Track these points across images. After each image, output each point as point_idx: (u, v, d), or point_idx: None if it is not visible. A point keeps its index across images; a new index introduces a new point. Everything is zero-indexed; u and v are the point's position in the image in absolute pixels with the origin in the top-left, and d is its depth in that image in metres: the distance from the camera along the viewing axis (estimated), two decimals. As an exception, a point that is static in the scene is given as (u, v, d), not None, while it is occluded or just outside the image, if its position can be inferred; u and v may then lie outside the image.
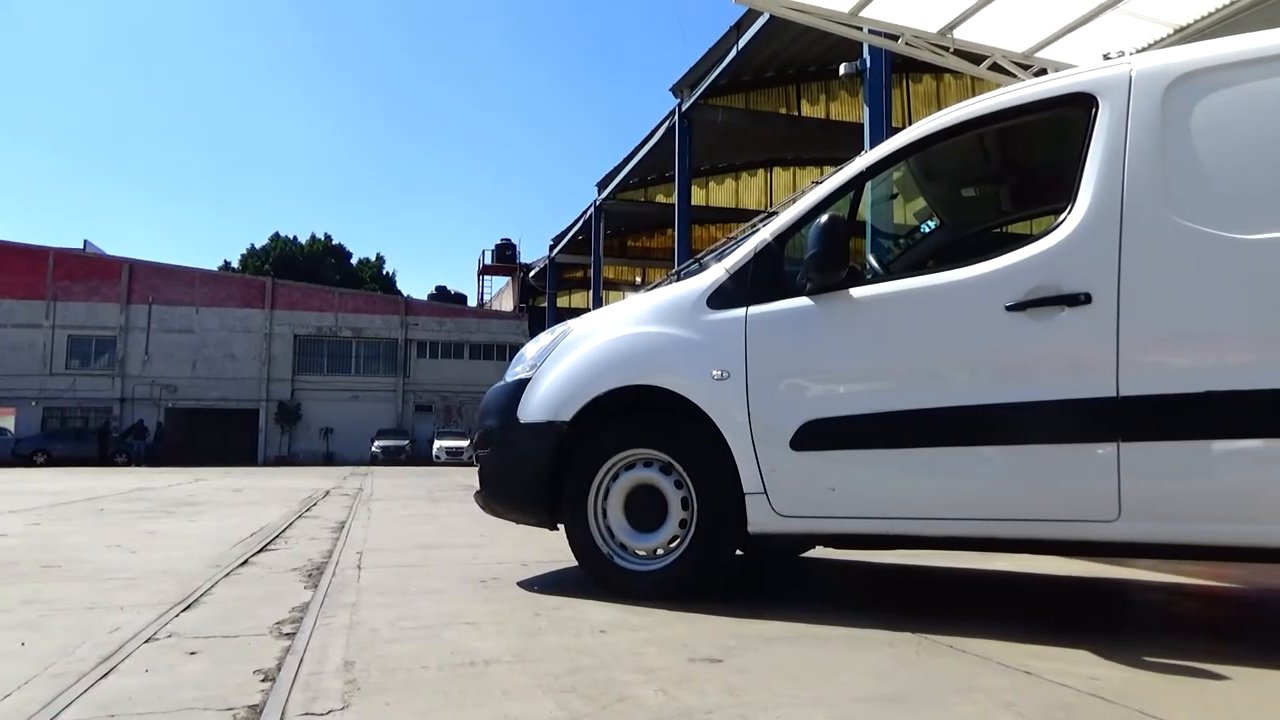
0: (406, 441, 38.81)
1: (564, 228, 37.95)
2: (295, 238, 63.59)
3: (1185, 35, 6.54)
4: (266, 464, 36.85)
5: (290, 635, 2.82)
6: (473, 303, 58.62)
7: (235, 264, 60.92)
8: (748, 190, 31.00)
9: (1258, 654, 2.63)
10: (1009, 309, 2.88)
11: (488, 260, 54.91)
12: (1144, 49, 6.47)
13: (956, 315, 3.02)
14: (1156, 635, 3.00)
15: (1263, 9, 6.04)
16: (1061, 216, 2.94)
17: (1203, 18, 6.44)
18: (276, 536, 5.88)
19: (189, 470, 23.28)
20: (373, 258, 68.07)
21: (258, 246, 62.49)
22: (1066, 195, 2.96)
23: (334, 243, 65.35)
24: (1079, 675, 2.32)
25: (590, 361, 3.56)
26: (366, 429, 40.70)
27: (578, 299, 44.80)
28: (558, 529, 3.65)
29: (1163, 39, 6.68)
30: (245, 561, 4.59)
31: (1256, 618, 3.54)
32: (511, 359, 4.07)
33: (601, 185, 31.45)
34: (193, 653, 2.59)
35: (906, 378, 3.07)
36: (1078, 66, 3.29)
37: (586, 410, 3.50)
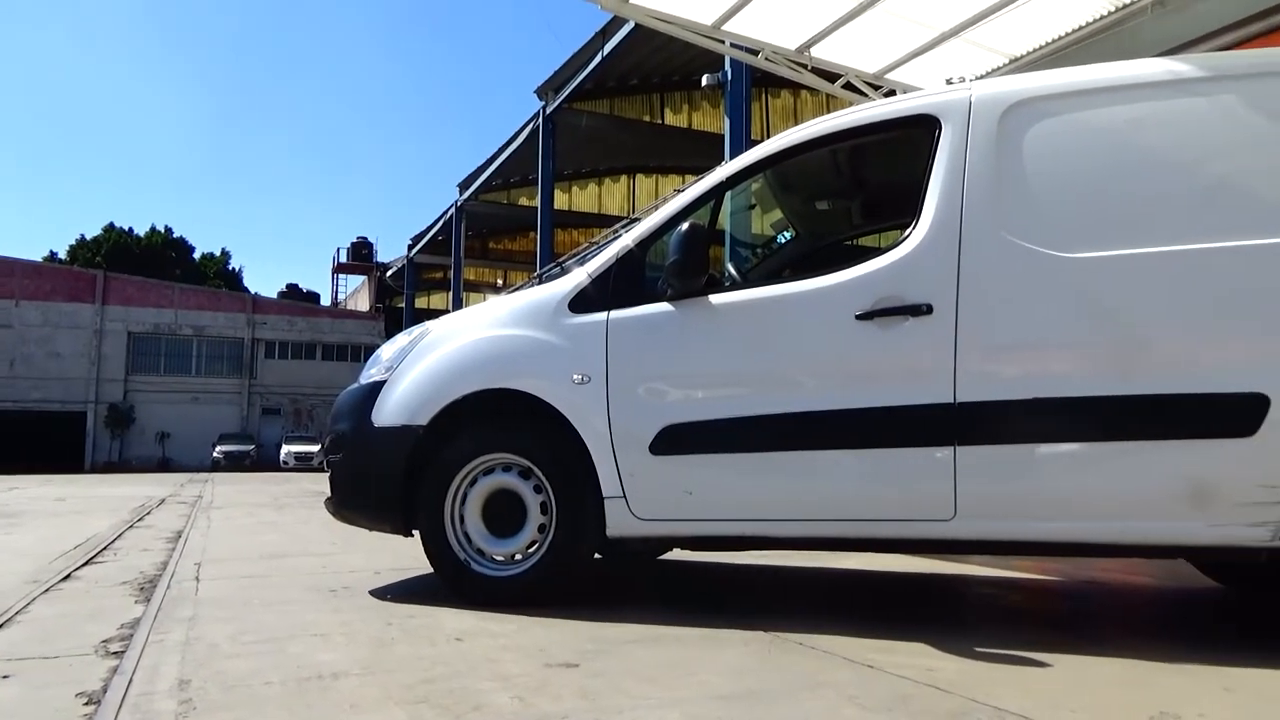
0: (252, 446, 36.97)
1: (424, 227, 37.12)
2: (132, 229, 59.48)
3: (1020, 65, 7.02)
4: (94, 471, 34.37)
5: (119, 654, 2.63)
6: (326, 302, 56.54)
7: (62, 255, 56.50)
8: (611, 196, 31.22)
9: (1076, 641, 2.84)
10: (858, 318, 3.01)
11: (343, 258, 53.13)
12: (983, 76, 6.92)
13: (809, 323, 3.13)
14: (987, 626, 3.19)
15: (1089, 44, 6.54)
16: (907, 231, 3.09)
17: (1036, 49, 6.93)
18: (104, 548, 5.48)
19: (1, 479, 21.42)
20: (218, 252, 64.53)
21: (89, 237, 58.16)
22: (912, 211, 3.12)
23: (175, 236, 61.50)
24: (917, 667, 2.44)
25: (449, 364, 3.49)
26: (208, 433, 38.48)
27: (437, 300, 43.91)
28: (413, 535, 3.56)
29: (1000, 67, 7.14)
30: (68, 576, 4.26)
31: (1076, 608, 3.82)
32: (367, 360, 3.95)
33: (463, 186, 30.96)
34: (5, 676, 2.38)
35: (762, 383, 3.16)
36: (923, 90, 3.50)
37: (444, 414, 3.43)
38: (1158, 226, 2.86)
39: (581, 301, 3.40)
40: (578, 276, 3.48)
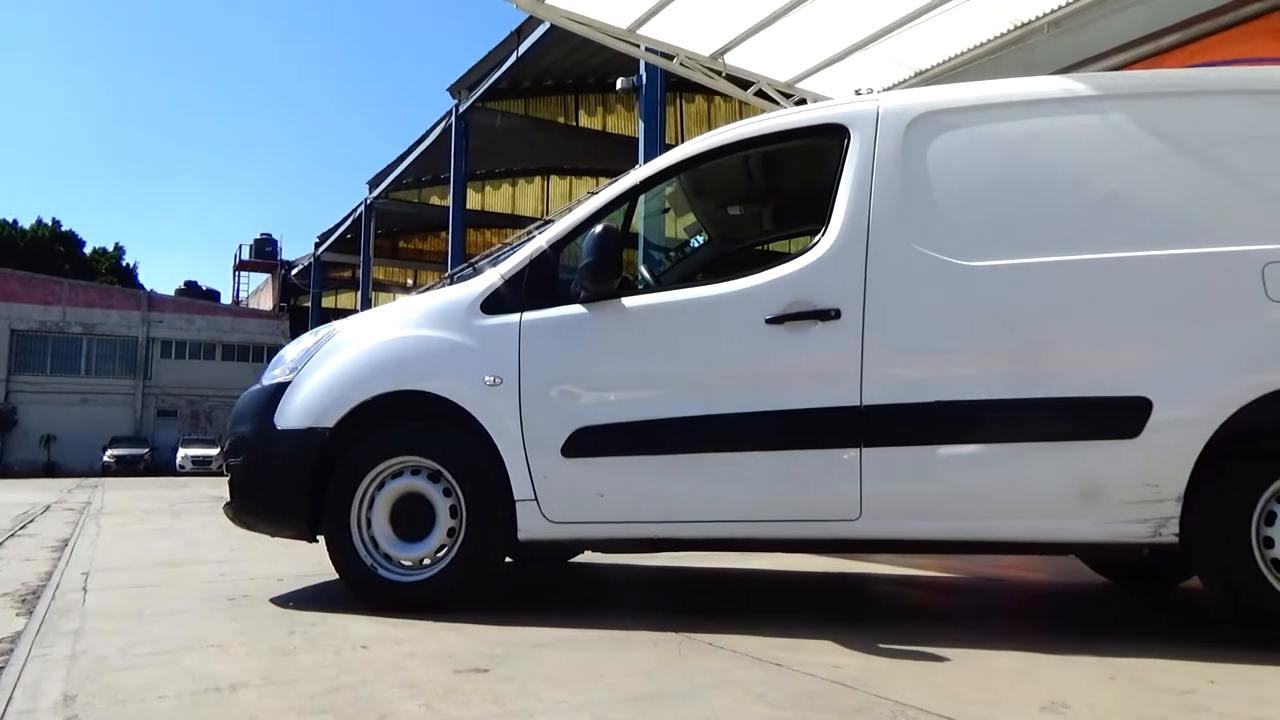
0: (146, 450, 35.43)
1: (331, 225, 36.21)
2: (15, 221, 56.23)
3: (925, 78, 7.25)
4: (-28, 475, 32.43)
5: (-4, 669, 2.49)
6: (227, 300, 54.59)
7: (-63, 247, 53.12)
8: (524, 196, 31.03)
9: (974, 636, 2.94)
10: (769, 322, 3.06)
11: (245, 256, 51.42)
12: (890, 88, 7.12)
13: (721, 326, 3.17)
14: (890, 623, 3.28)
15: (990, 60, 6.80)
16: (817, 237, 3.16)
17: (940, 63, 7.17)
18: (-18, 557, 5.17)
19: None
20: (110, 247, 61.60)
21: (-34, 229, 54.83)
22: (822, 217, 3.18)
23: (63, 229, 58.44)
24: (823, 664, 2.49)
25: (357, 365, 3.41)
26: (98, 436, 36.68)
27: (345, 300, 42.87)
28: (317, 541, 3.46)
29: (906, 80, 7.36)
30: (-60, 587, 4.00)
31: (974, 604, 3.96)
32: (270, 361, 3.82)
33: (373, 183, 30.32)
34: None
35: (674, 386, 3.18)
36: (833, 99, 3.58)
37: (352, 416, 3.35)
38: (1052, 237, 2.99)
39: (494, 302, 3.36)
40: (490, 277, 3.44)
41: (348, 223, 33.72)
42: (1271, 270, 2.80)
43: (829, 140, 3.30)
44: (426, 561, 3.31)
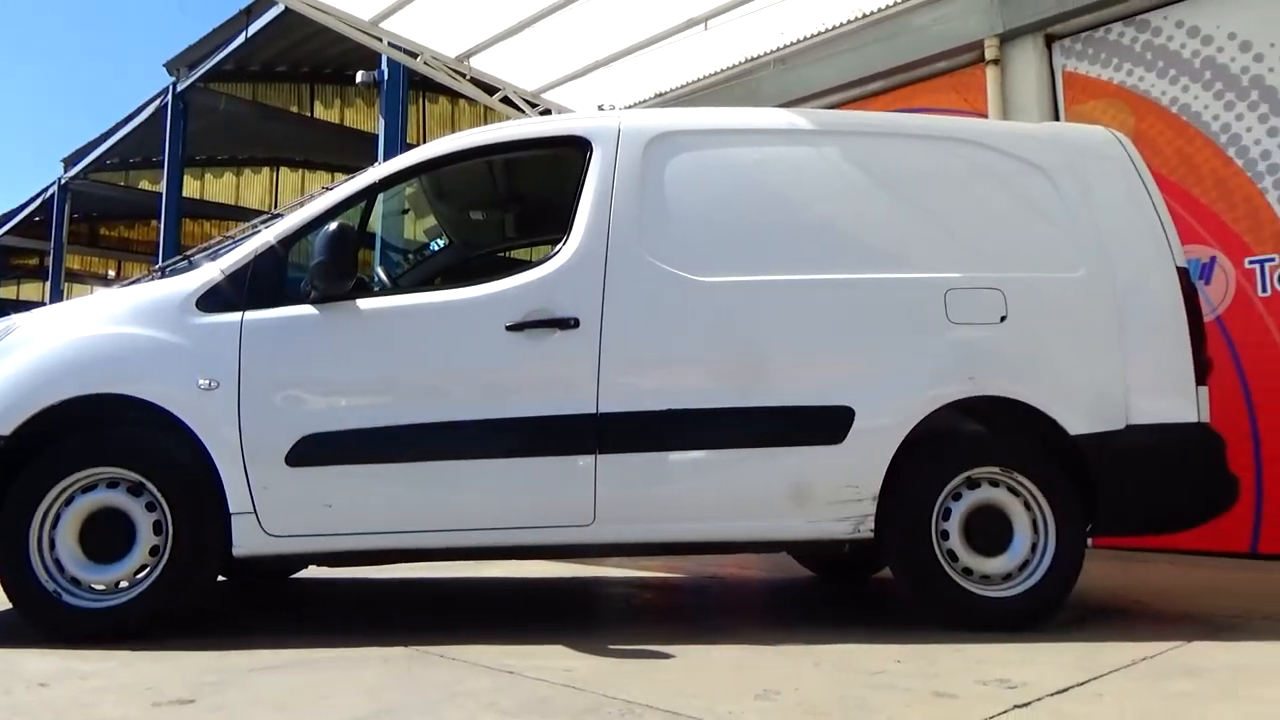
0: None
1: (15, 206, 31.79)
2: None
3: (664, 99, 7.59)
4: None
5: None
6: (-126, 285, 46.32)
7: None
8: (250, 187, 28.89)
9: (697, 632, 3.09)
10: (508, 329, 3.06)
11: (-100, 233, 43.93)
12: (631, 106, 7.38)
13: (460, 332, 3.12)
14: (620, 624, 3.38)
15: (722, 89, 7.25)
16: (558, 246, 3.21)
17: (678, 87, 7.55)
18: None
19: None
20: None
21: None
22: (563, 227, 3.24)
23: None
24: (555, 669, 2.51)
25: (43, 364, 3.01)
26: None
27: (30, 290, 37.72)
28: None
29: (646, 99, 7.67)
30: None
31: (698, 602, 4.17)
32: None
33: (70, 161, 26.95)
34: None
35: (410, 392, 3.09)
36: (577, 112, 3.67)
37: (35, 422, 2.95)
38: (773, 257, 3.24)
39: (212, 300, 3.10)
40: (209, 272, 3.17)
41: (36, 204, 29.75)
42: (952, 295, 3.20)
43: (572, 152, 3.37)
44: (124, 584, 2.97)
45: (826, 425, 3.09)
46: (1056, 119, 5.70)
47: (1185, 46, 5.32)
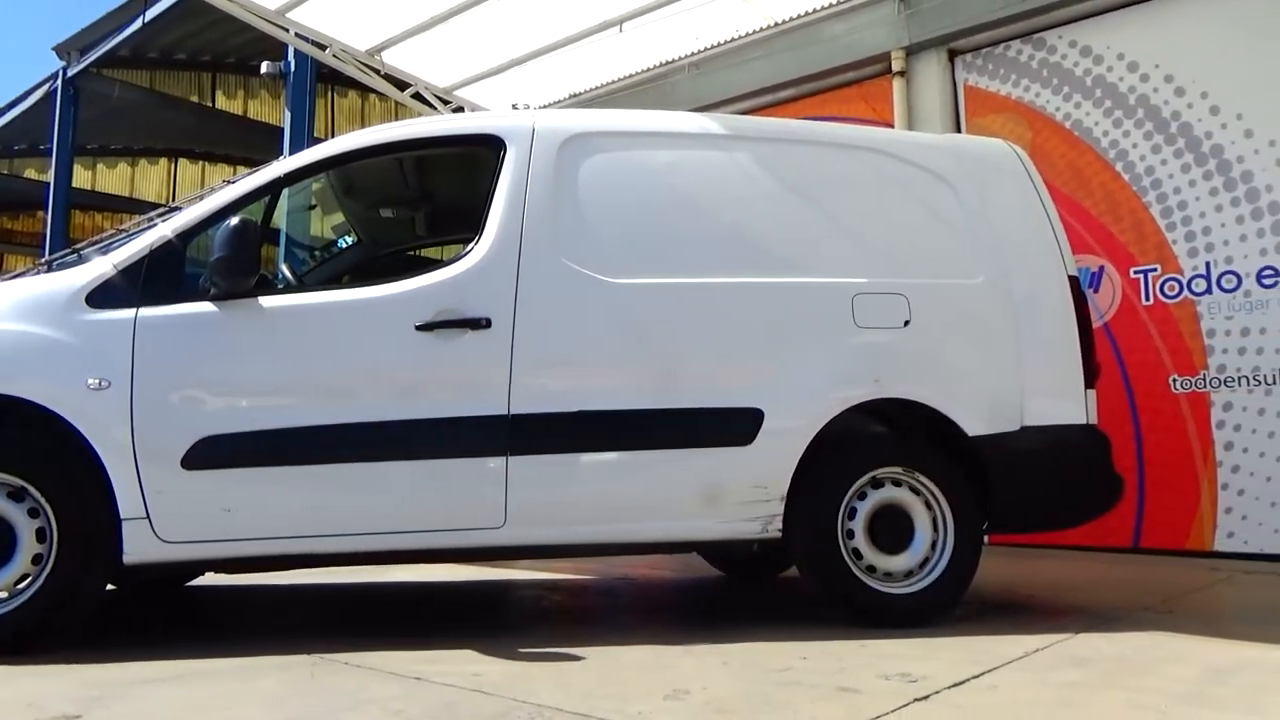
0: None
1: (-115, 191, 29.80)
2: None
3: (579, 100, 7.58)
4: None
5: None
6: None
7: None
8: (146, 179, 27.69)
9: (608, 633, 3.10)
10: (418, 329, 3.01)
11: None
12: (546, 106, 7.35)
13: (368, 332, 3.06)
14: (531, 627, 3.36)
15: (637, 91, 7.28)
16: (470, 246, 3.17)
17: (593, 88, 7.55)
18: None
19: None
20: None
21: None
22: (475, 227, 3.20)
23: None
24: (463, 673, 2.48)
25: (-92, 362, 2.82)
26: None
27: (-98, 282, 35.43)
28: None
29: (561, 100, 7.65)
30: None
31: (608, 603, 4.17)
32: None
33: (-54, 146, 25.43)
34: None
35: (316, 392, 3.01)
36: (491, 111, 3.64)
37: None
38: (685, 260, 3.26)
39: (104, 295, 2.96)
40: (100, 267, 3.03)
41: (-92, 190, 27.94)
42: (859, 300, 3.28)
43: (485, 151, 3.33)
44: (3, 595, 2.81)
45: (737, 427, 3.13)
46: (958, 131, 5.90)
47: (1078, 65, 5.57)
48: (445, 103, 7.50)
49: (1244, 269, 4.90)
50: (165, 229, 3.11)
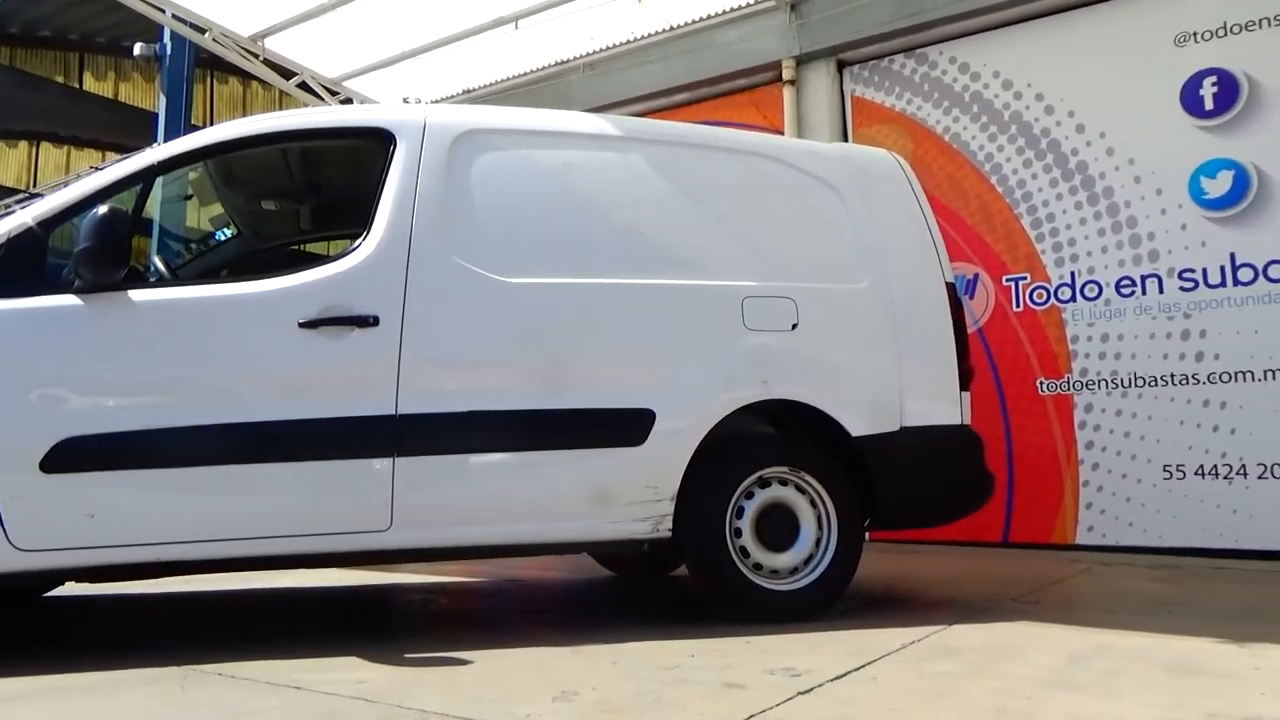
0: None
1: None
2: None
3: (471, 97, 7.48)
4: None
5: None
6: None
7: None
8: (4, 163, 25.91)
9: (496, 636, 3.06)
10: (302, 326, 2.91)
11: None
12: (439, 101, 7.23)
13: (248, 328, 2.94)
14: (416, 632, 3.29)
15: (532, 89, 7.23)
16: (358, 242, 3.09)
17: (487, 85, 7.46)
18: None
19: None
20: None
21: None
22: (363, 222, 3.12)
23: None
24: (347, 681, 2.41)
25: None
26: None
27: None
28: None
29: (454, 96, 7.53)
30: None
31: (497, 605, 4.13)
32: None
33: None
34: None
35: (190, 391, 2.88)
36: (381, 104, 3.55)
37: None
38: (578, 260, 3.26)
39: (-46, 286, 2.76)
40: (-50, 255, 2.82)
41: None
42: (749, 303, 3.34)
43: (374, 145, 3.25)
44: None
45: (628, 427, 3.14)
46: (845, 139, 6.09)
47: (957, 81, 5.82)
48: (333, 94, 7.29)
49: (1105, 279, 5.22)
50: (25, 216, 2.92)
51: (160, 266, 4.22)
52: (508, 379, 3.12)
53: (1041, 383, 5.35)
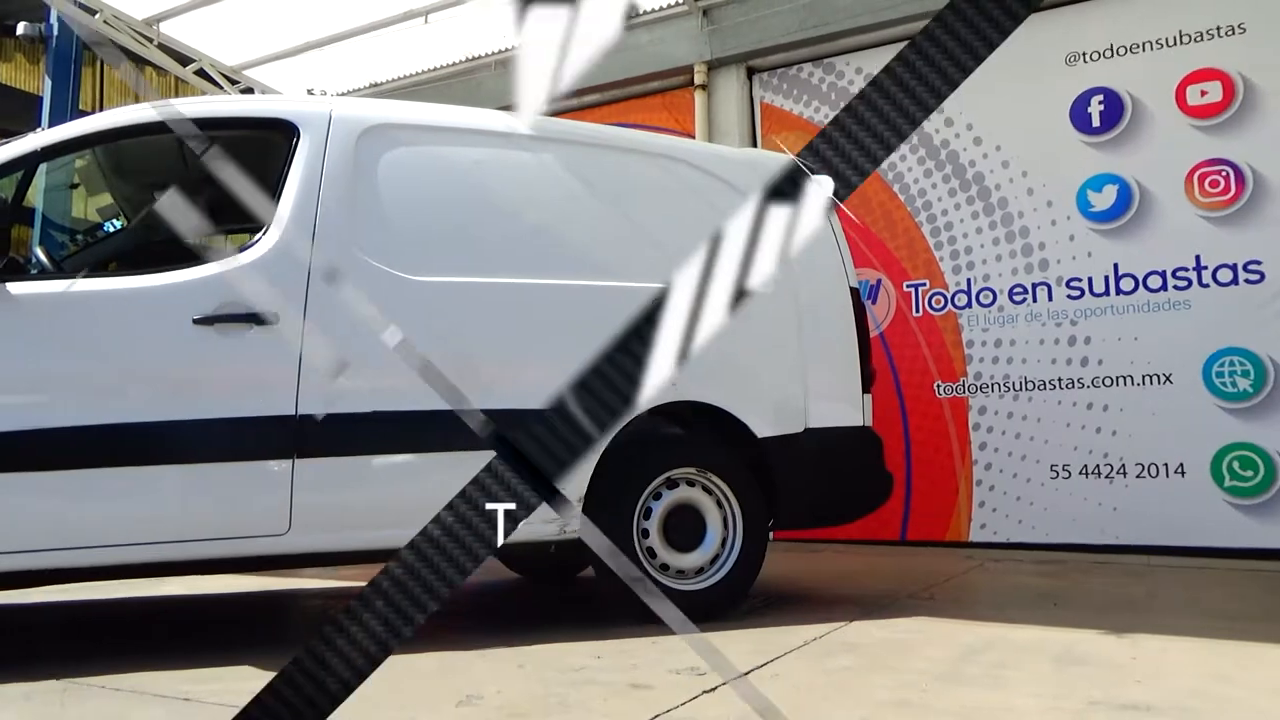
0: None
1: None
2: None
3: (379, 91, 7.33)
4: None
5: None
6: None
7: None
8: None
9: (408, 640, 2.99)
10: (196, 322, 2.80)
11: None
12: (345, 94, 7.05)
13: (139, 324, 2.82)
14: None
15: (441, 85, 7.12)
16: (258, 236, 2.99)
17: (395, 79, 7.32)
18: None
19: None
20: None
21: None
22: (264, 216, 3.02)
23: None
24: (238, 691, 2.31)
25: None
26: None
27: None
28: None
29: (361, 89, 7.36)
30: None
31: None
32: None
33: None
34: None
35: (75, 390, 2.74)
36: (284, 94, 3.44)
37: None
38: (488, 259, 3.22)
39: None
40: None
41: None
42: (656, 306, 3.35)
43: (277, 136, 3.15)
44: None
45: (537, 428, 3.12)
46: (754, 145, 6.19)
47: (861, 91, 5.98)
48: (233, 82, 7.04)
49: (999, 286, 5.44)
50: (-111, 202, 2.74)
51: (42, 258, 3.99)
52: (412, 379, 3.06)
53: (939, 385, 5.54)
